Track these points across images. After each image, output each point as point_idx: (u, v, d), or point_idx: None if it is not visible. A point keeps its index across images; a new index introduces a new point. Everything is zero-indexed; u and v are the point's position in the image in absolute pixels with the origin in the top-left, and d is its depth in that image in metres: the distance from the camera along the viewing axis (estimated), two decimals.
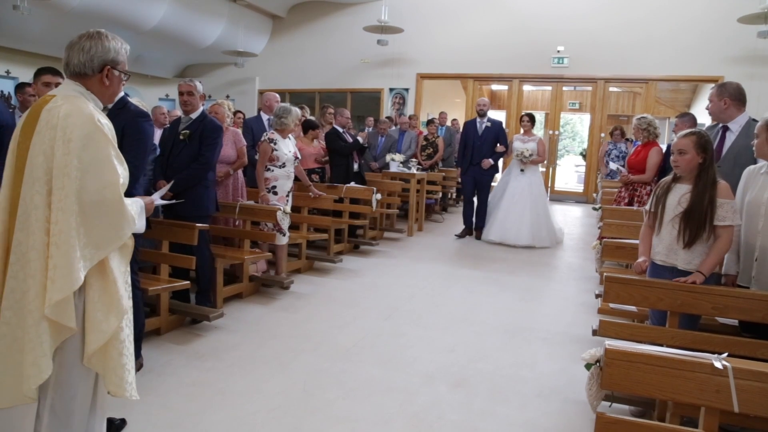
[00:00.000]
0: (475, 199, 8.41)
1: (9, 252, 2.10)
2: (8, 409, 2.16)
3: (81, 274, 2.04)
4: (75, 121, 2.06)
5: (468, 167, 8.23)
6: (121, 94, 3.10)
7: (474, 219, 8.36)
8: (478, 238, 8.22)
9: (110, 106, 3.05)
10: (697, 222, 3.02)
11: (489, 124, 8.09)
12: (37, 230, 2.05)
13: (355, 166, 7.42)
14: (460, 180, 8.88)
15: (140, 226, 2.27)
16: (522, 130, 8.10)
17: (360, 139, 7.60)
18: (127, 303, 2.21)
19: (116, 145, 2.18)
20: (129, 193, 2.33)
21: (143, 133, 3.23)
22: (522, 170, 7.97)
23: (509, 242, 7.75)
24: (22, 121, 2.17)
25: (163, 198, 2.73)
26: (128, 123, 3.15)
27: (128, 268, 2.29)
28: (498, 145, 8.15)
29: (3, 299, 2.09)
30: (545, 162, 13.64)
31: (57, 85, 3.68)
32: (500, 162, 8.85)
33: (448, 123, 11.43)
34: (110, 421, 2.77)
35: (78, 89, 2.20)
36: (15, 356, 2.06)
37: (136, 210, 2.24)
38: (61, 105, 2.11)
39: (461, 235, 8.32)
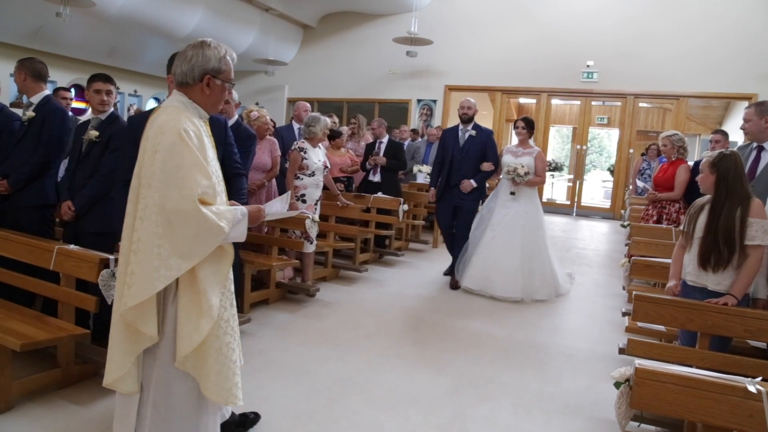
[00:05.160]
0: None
1: None
2: (114, 401, 2.37)
3: (158, 283, 2.08)
4: (164, 131, 2.11)
5: (444, 190, 6.22)
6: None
7: (451, 259, 6.41)
8: (454, 287, 6.08)
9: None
10: (715, 241, 3.00)
11: (474, 133, 6.09)
12: (125, 236, 2.18)
13: (377, 177, 7.43)
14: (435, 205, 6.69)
15: (237, 234, 2.24)
16: (516, 140, 6.17)
17: (368, 164, 7.35)
18: (220, 312, 2.23)
19: (207, 157, 2.19)
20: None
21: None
22: (512, 193, 5.88)
23: (495, 294, 5.70)
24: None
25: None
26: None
27: (228, 277, 2.32)
28: (484, 162, 6.10)
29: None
30: (572, 181, 13.49)
31: (107, 92, 3.80)
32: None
33: None
34: (245, 416, 2.94)
35: (181, 99, 2.24)
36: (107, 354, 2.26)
37: (229, 218, 2.18)
38: (160, 116, 2.18)
39: (449, 271, 6.47)
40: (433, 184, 6.46)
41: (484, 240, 5.92)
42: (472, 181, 6.04)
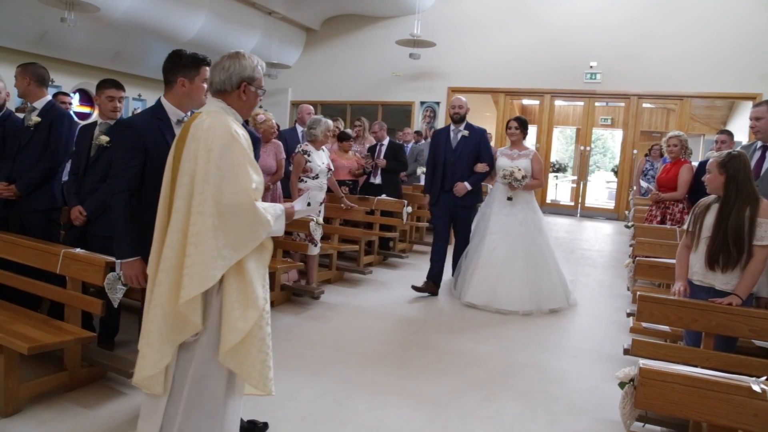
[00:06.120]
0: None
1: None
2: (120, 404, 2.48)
3: (216, 272, 2.19)
4: (215, 132, 2.25)
5: (439, 194, 5.88)
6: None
7: (452, 266, 6.05)
8: (433, 292, 5.86)
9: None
10: (724, 241, 3.00)
11: (467, 133, 5.82)
12: (176, 231, 2.25)
13: (377, 179, 7.47)
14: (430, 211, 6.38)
15: (278, 229, 2.39)
16: (508, 142, 5.87)
17: (367, 168, 7.41)
18: (264, 303, 2.33)
19: (252, 155, 2.34)
20: None
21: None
22: (509, 198, 5.58)
23: (501, 307, 5.36)
24: (177, 136, 2.40)
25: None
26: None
27: (266, 270, 2.43)
28: (479, 162, 5.79)
29: (152, 295, 2.31)
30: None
31: (120, 99, 3.81)
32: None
33: None
34: (253, 423, 2.96)
35: (220, 105, 2.41)
36: (143, 348, 2.29)
37: (272, 213, 2.35)
38: (205, 119, 2.32)
39: (422, 289, 5.82)
40: (428, 189, 6.07)
41: (483, 252, 5.57)
42: (466, 183, 5.72)
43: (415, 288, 5.83)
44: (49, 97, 4.13)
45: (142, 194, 2.76)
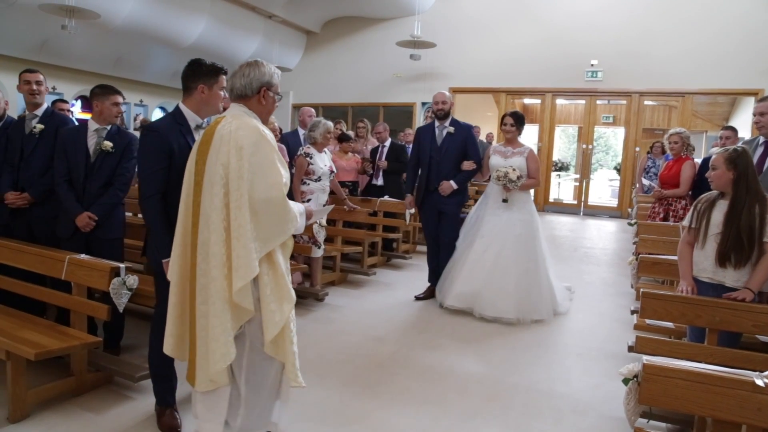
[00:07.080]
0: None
1: (195, 254, 2.45)
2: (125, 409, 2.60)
3: (256, 263, 2.34)
4: (244, 132, 2.41)
5: (424, 195, 5.62)
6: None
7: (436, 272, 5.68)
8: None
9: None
10: (737, 238, 3.00)
11: (452, 130, 5.47)
12: (218, 228, 2.36)
13: (379, 180, 7.49)
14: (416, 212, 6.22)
15: (301, 225, 2.54)
16: (503, 138, 5.49)
17: (368, 170, 7.51)
18: (293, 295, 2.48)
19: (278, 152, 2.48)
20: None
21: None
22: (505, 200, 5.23)
23: (485, 314, 5.04)
24: (200, 140, 2.51)
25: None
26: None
27: (288, 265, 2.55)
28: (466, 160, 5.50)
29: (197, 295, 2.40)
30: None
31: (121, 104, 3.86)
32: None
33: (482, 137, 11.47)
34: None
35: (242, 109, 2.55)
36: (210, 344, 2.39)
37: (297, 210, 2.51)
38: (231, 122, 2.46)
39: (425, 297, 5.71)
40: (408, 189, 5.85)
41: (473, 253, 5.23)
42: (451, 182, 5.42)
43: (418, 298, 5.71)
44: (47, 104, 4.17)
45: (165, 196, 2.81)
